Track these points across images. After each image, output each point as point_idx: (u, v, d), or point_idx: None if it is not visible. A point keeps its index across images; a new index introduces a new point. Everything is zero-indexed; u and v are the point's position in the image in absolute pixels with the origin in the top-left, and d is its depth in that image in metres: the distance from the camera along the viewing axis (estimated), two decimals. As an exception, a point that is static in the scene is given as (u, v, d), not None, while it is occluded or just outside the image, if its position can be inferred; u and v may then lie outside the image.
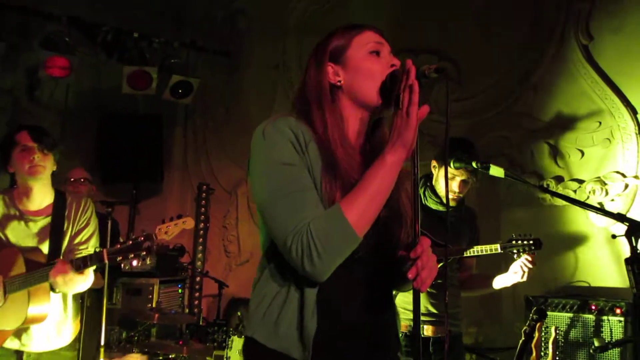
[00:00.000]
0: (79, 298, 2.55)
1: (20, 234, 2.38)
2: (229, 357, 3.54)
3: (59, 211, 2.42)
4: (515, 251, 2.57)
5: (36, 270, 2.24)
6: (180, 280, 4.71)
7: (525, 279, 2.56)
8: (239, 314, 4.10)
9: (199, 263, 5.01)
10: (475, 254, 2.66)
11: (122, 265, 2.18)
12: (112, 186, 5.03)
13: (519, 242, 2.57)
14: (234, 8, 5.39)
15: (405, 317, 2.48)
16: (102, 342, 3.34)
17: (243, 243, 5.13)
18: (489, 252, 2.65)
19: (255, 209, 5.10)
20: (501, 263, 3.11)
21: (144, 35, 4.87)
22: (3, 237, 2.37)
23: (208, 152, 5.44)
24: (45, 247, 2.38)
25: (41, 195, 2.43)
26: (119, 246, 2.16)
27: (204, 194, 5.26)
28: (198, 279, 4.93)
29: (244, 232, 5.14)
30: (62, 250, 2.41)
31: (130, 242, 2.16)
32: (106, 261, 2.18)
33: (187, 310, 4.69)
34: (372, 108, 1.37)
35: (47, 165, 2.40)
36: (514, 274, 2.58)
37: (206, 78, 5.36)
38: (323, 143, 1.31)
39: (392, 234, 1.37)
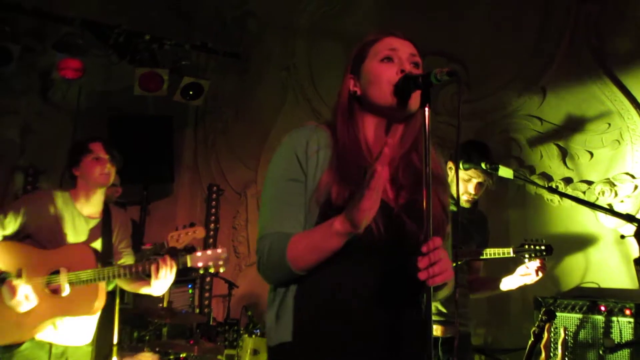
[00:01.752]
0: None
1: (76, 231, 2.59)
2: (240, 357, 3.57)
3: (107, 218, 2.68)
4: (527, 256, 2.60)
5: (110, 266, 2.49)
6: (191, 280, 4.74)
7: (532, 282, 2.58)
8: (249, 313, 4.13)
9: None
10: (488, 256, 2.68)
11: (198, 270, 2.49)
12: (122, 187, 5.07)
13: (531, 247, 2.60)
14: (244, 10, 5.43)
15: None
16: (115, 341, 3.39)
17: (252, 244, 5.16)
18: (501, 256, 2.67)
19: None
20: (509, 264, 3.13)
21: (155, 38, 4.91)
22: (62, 231, 2.57)
23: (218, 154, 5.49)
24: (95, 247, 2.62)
25: (98, 202, 2.67)
26: (200, 254, 2.47)
27: (214, 195, 5.31)
28: (208, 279, 4.96)
29: (253, 233, 5.17)
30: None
31: (210, 251, 2.46)
32: (189, 265, 2.47)
33: (197, 310, 4.73)
34: (386, 112, 1.43)
35: (112, 176, 2.67)
36: (521, 277, 2.60)
37: (216, 80, 5.40)
38: (336, 147, 1.42)
39: (409, 231, 1.38)
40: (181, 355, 3.93)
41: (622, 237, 2.91)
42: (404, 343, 1.38)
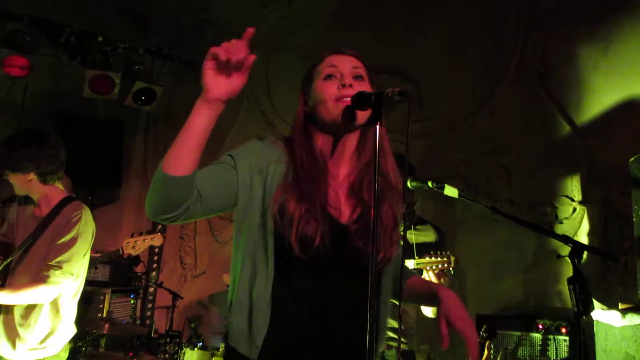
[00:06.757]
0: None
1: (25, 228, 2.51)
2: (180, 370, 3.47)
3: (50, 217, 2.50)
4: (427, 268, 2.53)
5: None
6: (133, 290, 4.59)
7: None
8: (192, 325, 4.03)
9: (153, 273, 4.91)
10: None
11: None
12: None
13: (432, 259, 2.54)
14: (202, 18, 5.38)
15: None
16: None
17: (200, 255, 5.06)
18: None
19: (213, 222, 5.06)
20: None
21: (109, 40, 4.79)
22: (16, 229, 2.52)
23: (168, 161, 5.37)
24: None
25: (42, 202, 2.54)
26: None
27: (163, 203, 5.16)
28: (152, 289, 4.82)
29: (201, 243, 5.07)
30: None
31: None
32: None
33: (138, 321, 4.60)
34: (335, 128, 1.48)
35: (15, 184, 2.50)
36: None
37: (170, 86, 5.30)
38: (291, 163, 1.46)
39: (354, 247, 1.42)
40: (119, 368, 3.79)
41: (558, 257, 3.02)
42: (343, 355, 1.41)
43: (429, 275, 2.53)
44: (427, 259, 2.56)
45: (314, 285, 1.40)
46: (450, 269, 2.54)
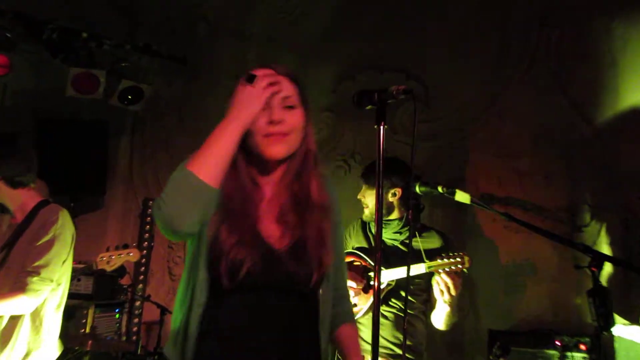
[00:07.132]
0: None
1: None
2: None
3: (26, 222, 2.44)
4: (440, 270, 2.40)
5: None
6: (119, 304, 4.39)
7: (446, 297, 2.42)
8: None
9: (140, 286, 4.70)
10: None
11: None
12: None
13: (444, 260, 2.41)
14: (196, 13, 5.16)
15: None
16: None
17: (190, 264, 4.82)
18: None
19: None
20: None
21: (94, 36, 4.58)
22: None
23: (157, 165, 5.12)
24: None
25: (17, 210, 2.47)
26: None
27: (150, 211, 4.94)
28: (138, 303, 4.62)
29: (192, 252, 4.84)
30: None
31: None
32: None
33: (124, 338, 4.42)
34: (262, 159, 1.45)
35: None
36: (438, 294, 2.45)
37: (159, 85, 5.08)
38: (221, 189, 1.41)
39: (291, 267, 1.42)
40: (102, 389, 3.58)
41: (577, 267, 2.82)
42: None
43: (442, 278, 2.39)
44: (439, 261, 2.42)
45: (245, 311, 1.40)
46: (465, 269, 2.41)
